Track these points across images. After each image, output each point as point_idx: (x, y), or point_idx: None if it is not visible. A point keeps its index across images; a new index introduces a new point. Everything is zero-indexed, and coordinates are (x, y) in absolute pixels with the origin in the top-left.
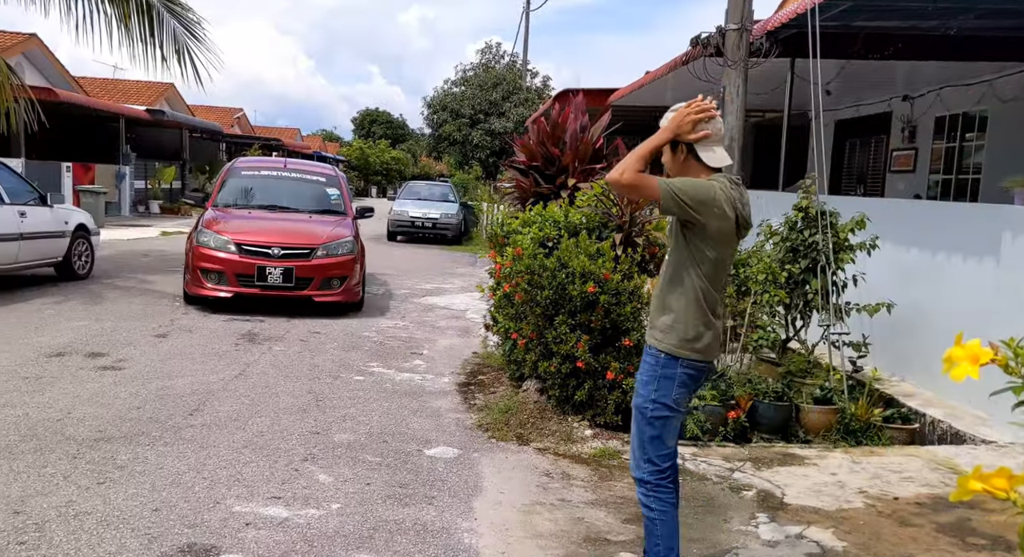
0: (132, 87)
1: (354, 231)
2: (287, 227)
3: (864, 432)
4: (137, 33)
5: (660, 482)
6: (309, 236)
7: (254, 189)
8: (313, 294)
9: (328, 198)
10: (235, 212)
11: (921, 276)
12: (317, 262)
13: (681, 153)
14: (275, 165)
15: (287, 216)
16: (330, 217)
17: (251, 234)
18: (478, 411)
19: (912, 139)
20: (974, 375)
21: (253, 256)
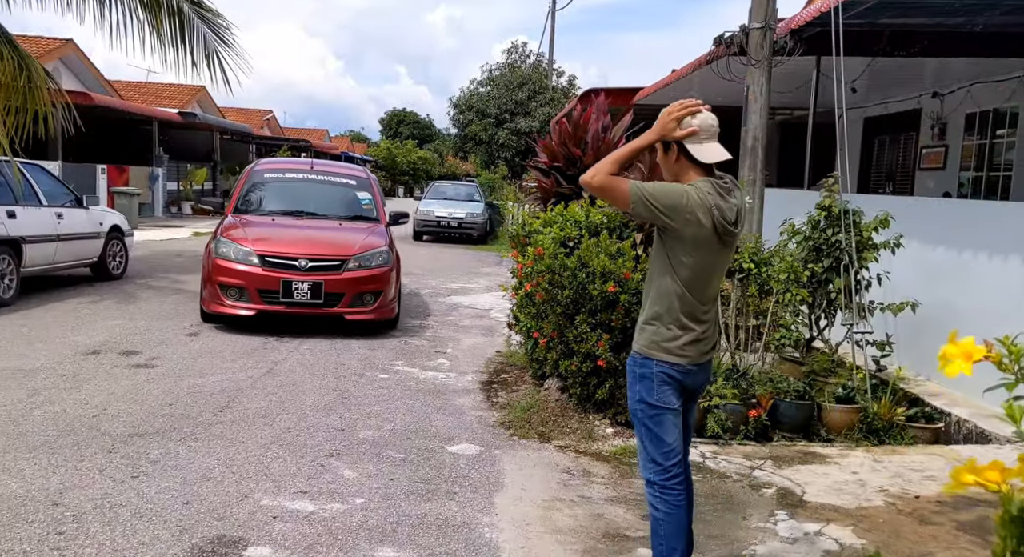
0: (165, 90)
1: (388, 240)
2: (315, 236)
3: (887, 431)
4: (169, 38)
5: (666, 483)
6: (339, 246)
7: (278, 194)
8: (344, 312)
9: (359, 203)
10: (257, 219)
11: (949, 275)
12: (349, 275)
13: (673, 152)
14: (301, 167)
15: (314, 224)
16: (362, 224)
17: (275, 244)
18: (500, 409)
19: (942, 136)
20: (967, 371)
21: (278, 269)
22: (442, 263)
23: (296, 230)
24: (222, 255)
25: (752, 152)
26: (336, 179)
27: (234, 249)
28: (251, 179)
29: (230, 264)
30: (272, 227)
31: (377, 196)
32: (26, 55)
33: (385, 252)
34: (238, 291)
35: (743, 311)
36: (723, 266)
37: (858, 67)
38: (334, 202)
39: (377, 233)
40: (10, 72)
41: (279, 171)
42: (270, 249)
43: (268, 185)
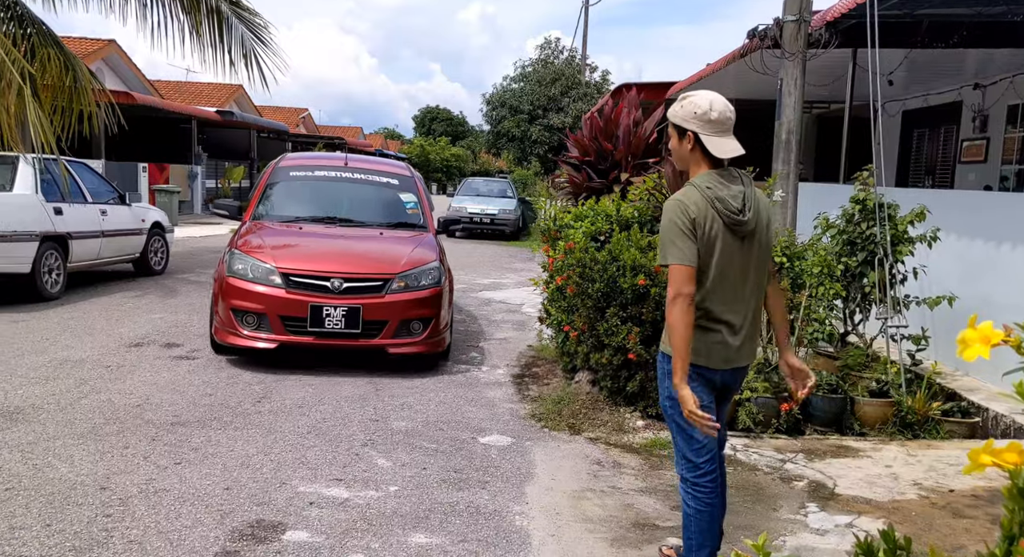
0: (204, 89)
1: (439, 252)
2: (351, 249)
3: (922, 426)
4: (208, 38)
5: (698, 480)
6: (381, 261)
7: (306, 195)
8: (387, 344)
9: (403, 207)
10: (280, 228)
11: (989, 269)
12: (393, 298)
13: (688, 141)
14: (333, 163)
15: (349, 233)
16: (406, 233)
17: (302, 259)
18: (531, 402)
19: (983, 129)
20: (985, 355)
21: (305, 291)
22: (474, 259)
23: (328, 241)
24: (237, 273)
25: (786, 146)
26: (375, 178)
27: (252, 265)
28: (274, 177)
29: (246, 284)
30: (298, 237)
31: (424, 198)
32: (72, 56)
33: (436, 268)
34: (256, 318)
35: None
36: (748, 264)
37: (896, 59)
38: (373, 206)
39: (425, 244)
40: (57, 73)
41: (307, 168)
42: (296, 266)
43: (294, 185)
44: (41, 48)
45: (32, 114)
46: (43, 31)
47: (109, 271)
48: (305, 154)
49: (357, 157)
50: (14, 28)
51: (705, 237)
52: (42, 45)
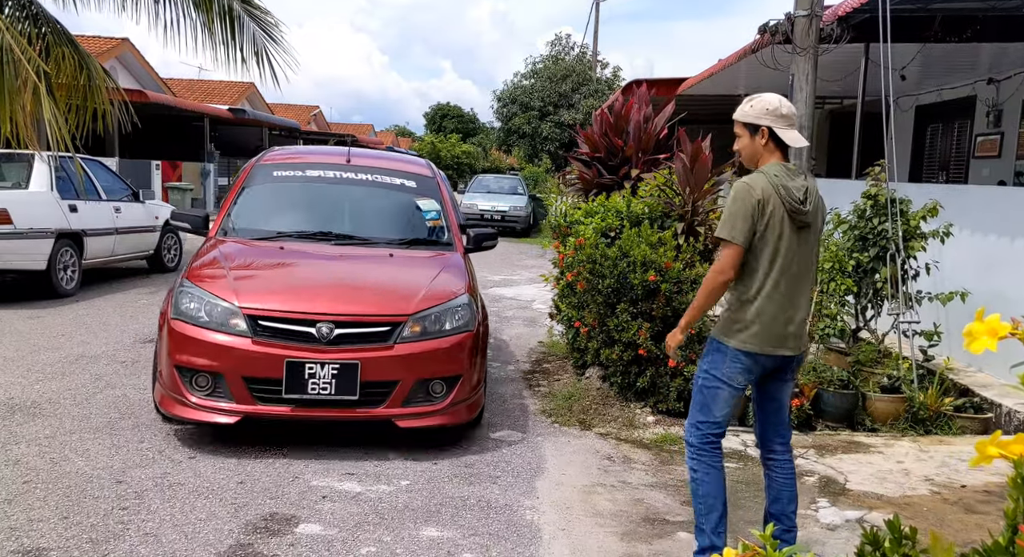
0: (216, 87)
1: (468, 280)
2: (348, 278)
3: (934, 421)
4: (220, 37)
5: (703, 446)
6: (389, 296)
7: (293, 202)
8: (395, 414)
9: (421, 217)
10: (253, 248)
11: (1003, 264)
12: (405, 350)
13: (762, 136)
14: (330, 160)
15: (348, 254)
16: (425, 253)
17: (278, 295)
18: (542, 397)
19: (997, 123)
20: (992, 348)
21: (280, 341)
22: (485, 256)
23: (317, 266)
24: (185, 314)
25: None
26: (385, 179)
27: (206, 303)
28: (252, 179)
29: (197, 331)
30: (277, 262)
31: (449, 205)
32: (86, 54)
33: (466, 305)
34: (210, 380)
35: None
36: (803, 253)
37: (909, 54)
38: (381, 216)
39: (451, 269)
40: (71, 71)
41: (296, 166)
42: (268, 304)
43: (278, 189)
44: (56, 47)
45: (47, 112)
46: (57, 30)
47: (123, 268)
48: (296, 148)
49: (363, 152)
50: (29, 27)
51: (767, 219)
52: (57, 44)
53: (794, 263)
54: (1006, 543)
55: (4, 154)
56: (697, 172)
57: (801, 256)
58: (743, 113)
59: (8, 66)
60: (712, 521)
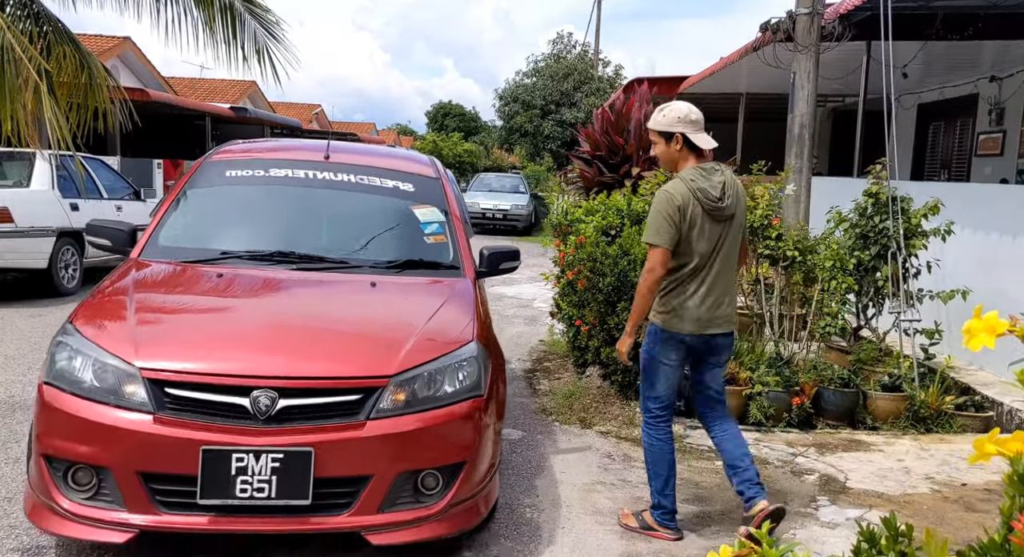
0: (217, 85)
1: (476, 318)
2: (304, 318)
3: (935, 420)
4: (221, 35)
5: (654, 421)
6: (362, 347)
7: (246, 212)
8: (365, 524)
9: (418, 230)
10: (183, 273)
11: (1005, 263)
12: (382, 428)
13: (676, 142)
14: (303, 157)
15: (313, 282)
16: (421, 280)
17: (196, 348)
18: (542, 396)
19: (1000, 121)
20: (990, 345)
21: (195, 418)
22: None
23: (263, 303)
24: (60, 377)
25: (799, 140)
26: (374, 181)
27: (92, 361)
28: (198, 180)
29: (74, 403)
30: (207, 297)
31: (457, 215)
32: (87, 53)
33: (473, 357)
34: (93, 476)
35: (787, 299)
36: (725, 242)
37: (910, 52)
38: (366, 230)
39: (456, 302)
40: (72, 70)
41: (258, 164)
42: (179, 363)
43: (231, 193)
44: (57, 45)
45: (48, 111)
46: (59, 29)
47: None
48: (259, 142)
49: (348, 147)
50: (30, 26)
51: (688, 219)
52: (58, 42)
53: (717, 251)
54: (1001, 540)
55: (5, 153)
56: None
57: (725, 244)
58: (656, 122)
59: (9, 65)
60: (659, 484)
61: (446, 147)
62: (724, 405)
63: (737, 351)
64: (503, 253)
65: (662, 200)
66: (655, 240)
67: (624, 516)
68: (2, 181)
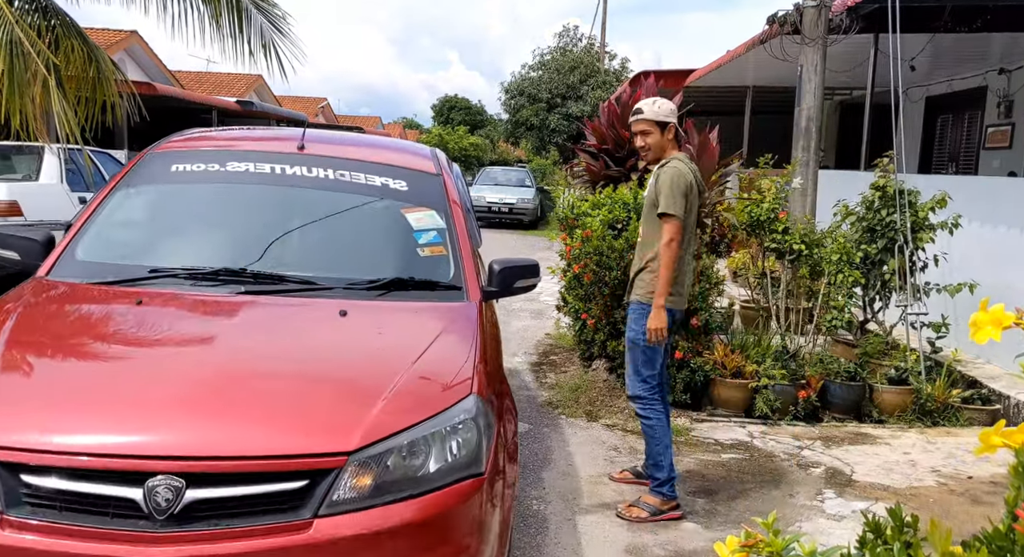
0: (224, 79)
1: (481, 355)
2: (236, 366)
3: (941, 413)
4: (227, 29)
5: (652, 395)
6: (311, 407)
7: (193, 217)
8: None
9: (411, 241)
10: (92, 298)
11: (1013, 256)
12: (336, 529)
13: (670, 132)
14: (272, 146)
15: (261, 311)
16: (409, 305)
17: (72, 412)
18: (549, 389)
19: (1008, 114)
20: (996, 337)
21: (64, 521)
22: (492, 248)
23: (187, 340)
24: None
25: (806, 133)
26: (358, 177)
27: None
28: (136, 177)
29: None
30: (112, 333)
31: (460, 220)
32: (95, 47)
33: (471, 418)
34: None
35: (793, 293)
36: (694, 224)
37: (918, 44)
38: (342, 240)
39: (453, 337)
40: (80, 64)
41: (212, 156)
42: (43, 436)
43: (175, 193)
44: (65, 39)
45: (57, 105)
46: (66, 22)
47: None
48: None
49: (329, 136)
50: (38, 20)
51: (691, 199)
52: (66, 36)
53: (693, 232)
54: (1006, 529)
55: (14, 146)
56: (704, 164)
57: (693, 226)
58: (655, 113)
59: (18, 59)
60: (669, 456)
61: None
62: (667, 384)
63: (743, 344)
64: (518, 267)
65: (677, 174)
66: (675, 210)
67: (627, 510)
68: (11, 175)
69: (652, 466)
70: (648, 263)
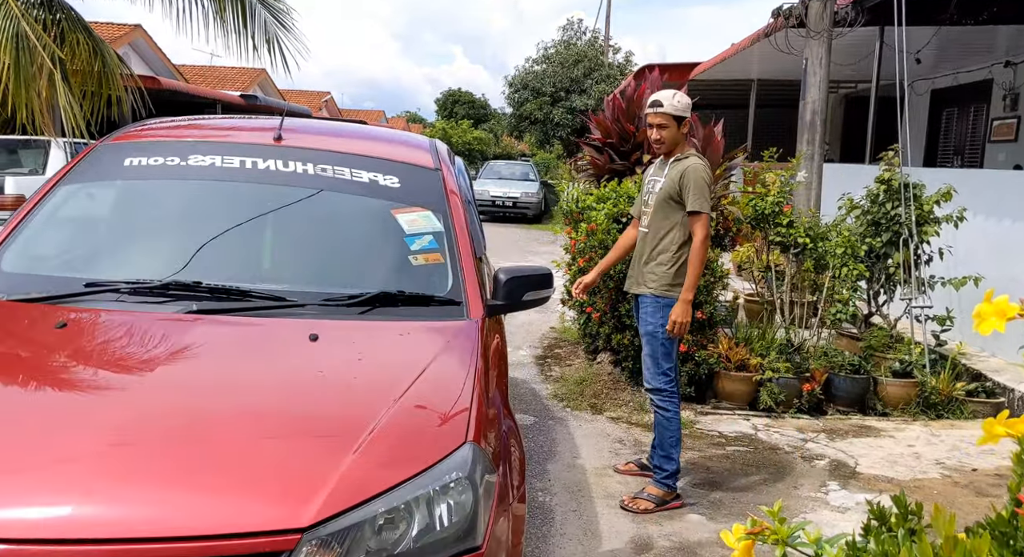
0: (228, 73)
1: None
2: (163, 412)
3: (945, 406)
4: (232, 24)
5: (672, 387)
6: (253, 468)
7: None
8: None
9: (403, 247)
10: (7, 325)
11: (1018, 249)
12: None
13: (686, 125)
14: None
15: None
16: (395, 325)
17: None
18: (554, 382)
19: (1014, 107)
20: (1000, 329)
21: None
22: (496, 242)
23: (107, 379)
24: None
25: (811, 126)
26: (342, 173)
27: None
28: (83, 172)
29: None
30: (16, 368)
31: (460, 220)
32: (100, 41)
33: (463, 476)
34: None
35: (798, 286)
36: None
37: (924, 37)
38: (320, 246)
39: (447, 368)
40: (86, 58)
41: (173, 148)
42: None
43: (127, 192)
44: (70, 33)
45: (63, 98)
46: (72, 16)
47: None
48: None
49: (310, 126)
50: (44, 14)
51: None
52: (71, 30)
53: None
54: (1008, 516)
55: (21, 140)
56: (709, 157)
57: None
58: (674, 107)
59: (24, 53)
60: (679, 449)
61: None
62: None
63: (748, 337)
64: (528, 277)
65: (703, 170)
66: (706, 209)
67: (632, 502)
68: (18, 169)
69: (662, 457)
70: (658, 255)
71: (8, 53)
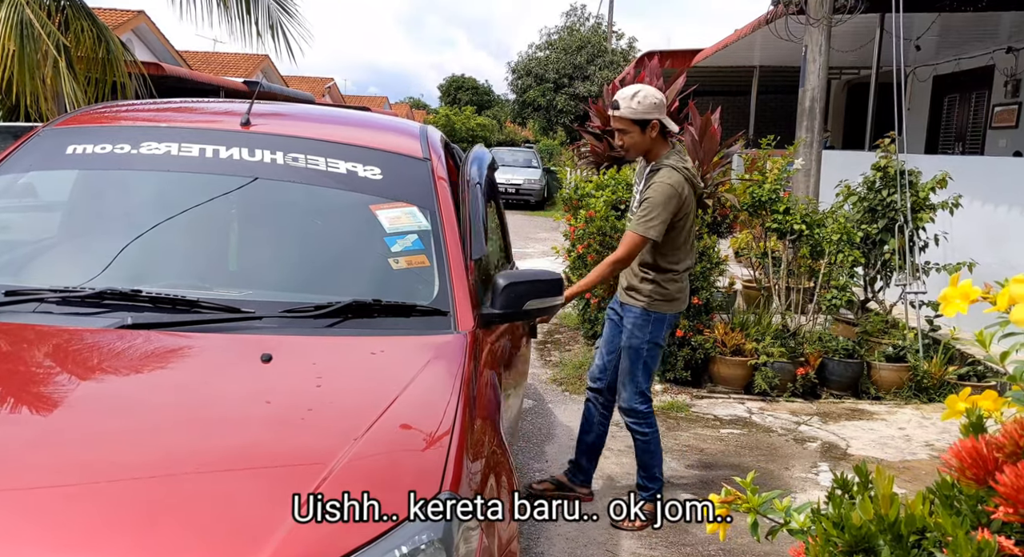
0: (231, 60)
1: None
2: (70, 456)
3: (937, 390)
4: (235, 10)
5: (649, 409)
6: (173, 531)
7: (82, 217)
8: None
9: (383, 249)
10: None
11: (1013, 235)
12: None
13: (652, 129)
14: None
15: (147, 353)
16: (367, 344)
17: None
18: (553, 367)
19: (1015, 93)
20: (963, 311)
21: None
22: None
23: (8, 410)
24: None
25: (810, 113)
26: (315, 162)
27: None
28: (19, 160)
29: None
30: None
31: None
32: (104, 28)
33: (436, 538)
34: None
35: (795, 272)
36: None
37: (925, 23)
38: (286, 247)
39: (423, 396)
40: (90, 45)
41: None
42: None
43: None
44: (75, 20)
45: (67, 86)
46: (76, 3)
47: None
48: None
49: (283, 110)
50: (49, 0)
51: (684, 209)
52: (76, 17)
53: (692, 243)
54: (951, 482)
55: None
56: (706, 145)
57: (692, 236)
58: (632, 111)
59: (29, 40)
60: (662, 466)
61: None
62: None
63: (743, 322)
64: (532, 283)
65: (669, 187)
66: (650, 234)
67: (625, 522)
68: None
69: (646, 478)
70: (644, 270)
71: (13, 40)
